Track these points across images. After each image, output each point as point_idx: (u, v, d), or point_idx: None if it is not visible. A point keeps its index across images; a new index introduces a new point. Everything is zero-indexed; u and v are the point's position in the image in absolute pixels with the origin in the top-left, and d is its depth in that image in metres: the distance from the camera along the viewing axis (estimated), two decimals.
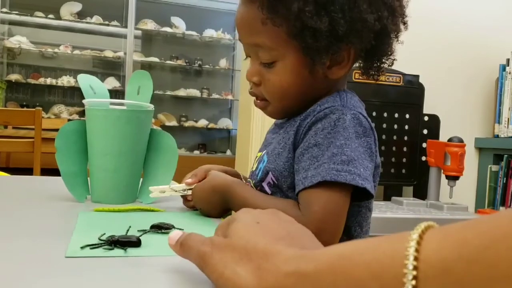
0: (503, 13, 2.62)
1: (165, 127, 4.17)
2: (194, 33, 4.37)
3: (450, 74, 2.58)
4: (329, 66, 0.73)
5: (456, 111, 2.58)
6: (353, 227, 0.73)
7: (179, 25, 4.36)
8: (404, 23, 0.78)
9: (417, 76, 2.39)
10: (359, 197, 0.69)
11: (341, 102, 0.73)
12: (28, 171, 1.96)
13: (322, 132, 0.69)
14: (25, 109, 3.52)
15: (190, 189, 0.80)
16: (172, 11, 4.37)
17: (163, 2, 4.37)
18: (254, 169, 0.81)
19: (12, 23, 4.09)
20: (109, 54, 4.16)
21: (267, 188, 0.76)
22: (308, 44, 0.69)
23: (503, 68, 2.51)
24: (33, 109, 2.04)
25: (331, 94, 0.75)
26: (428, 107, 2.42)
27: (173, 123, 4.36)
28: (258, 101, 0.79)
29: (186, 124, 4.40)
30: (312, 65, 0.72)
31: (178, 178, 0.87)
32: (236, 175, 0.86)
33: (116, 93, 4.07)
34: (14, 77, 3.98)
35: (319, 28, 0.67)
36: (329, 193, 0.65)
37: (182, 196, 0.82)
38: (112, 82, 4.20)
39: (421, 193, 2.38)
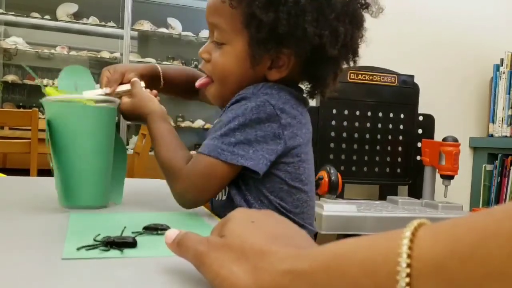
0: (497, 13, 2.63)
1: None
2: (190, 33, 4.36)
3: (444, 74, 2.59)
4: (270, 67, 0.82)
5: (451, 110, 2.59)
6: (273, 199, 0.81)
7: (175, 26, 4.35)
8: (355, 61, 0.85)
9: (412, 76, 2.41)
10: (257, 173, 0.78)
11: (253, 90, 0.80)
12: (25, 172, 1.96)
13: (229, 113, 0.79)
14: (21, 110, 3.51)
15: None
16: (168, 12, 4.37)
17: (159, 3, 4.37)
18: None
19: (8, 24, 4.07)
20: (105, 55, 4.15)
21: None
22: (251, 34, 0.77)
23: (497, 68, 2.53)
24: (30, 110, 2.04)
25: (252, 85, 0.82)
26: (423, 107, 2.43)
27: None
28: (203, 80, 0.87)
29: (183, 124, 4.40)
30: (253, 59, 0.79)
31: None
32: (153, 71, 0.98)
33: None
34: (10, 78, 3.96)
35: (263, 20, 0.75)
36: (212, 162, 0.76)
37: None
38: None
39: (416, 192, 2.40)
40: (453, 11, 2.59)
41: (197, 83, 0.89)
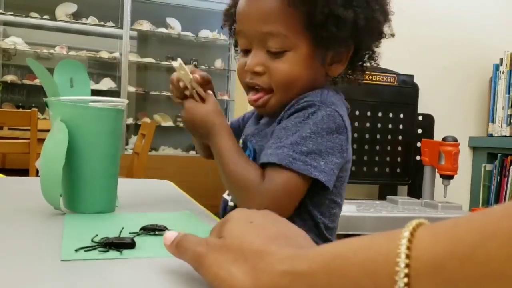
0: (496, 12, 2.63)
1: (161, 128, 4.17)
2: (189, 33, 4.37)
3: (444, 74, 2.59)
4: (330, 63, 0.78)
5: (450, 110, 2.59)
6: (316, 215, 0.78)
7: (174, 26, 4.35)
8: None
9: (411, 76, 2.40)
10: (325, 188, 0.74)
11: (320, 98, 0.75)
12: (24, 172, 1.95)
13: (294, 119, 0.74)
14: (20, 110, 3.51)
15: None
16: (168, 11, 4.37)
17: (158, 3, 4.37)
18: None
19: (7, 24, 4.08)
20: (104, 55, 4.15)
21: None
22: (328, 33, 0.72)
23: (496, 67, 2.52)
24: (29, 110, 2.04)
25: (315, 91, 0.78)
26: (423, 107, 2.43)
27: (169, 123, 4.36)
28: (258, 95, 0.79)
29: (182, 124, 4.40)
30: (322, 57, 0.76)
31: (176, 180, 0.87)
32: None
33: (112, 94, 4.07)
34: (9, 78, 3.97)
35: (345, 17, 0.72)
36: (289, 176, 0.71)
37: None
38: (108, 83, 4.19)
39: (415, 192, 2.40)
40: (453, 11, 2.59)
41: (251, 99, 0.81)
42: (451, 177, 2.19)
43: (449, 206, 2.13)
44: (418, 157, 2.39)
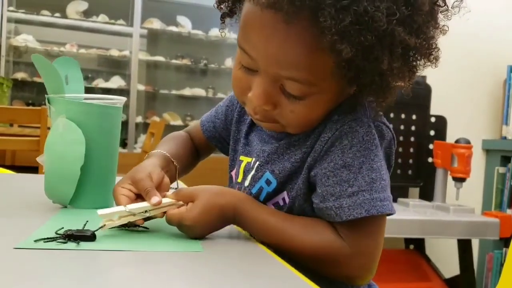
0: (511, 14, 2.59)
1: (170, 127, 4.16)
2: (199, 32, 4.36)
3: (457, 75, 2.56)
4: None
5: (463, 112, 2.56)
6: None
7: (184, 24, 4.35)
8: None
9: (424, 77, 2.37)
10: None
11: (363, 111, 0.65)
12: (33, 170, 1.95)
13: (350, 150, 0.62)
14: (30, 107, 3.52)
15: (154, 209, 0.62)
16: (178, 10, 4.36)
17: (169, 1, 4.36)
18: (241, 181, 0.74)
19: (18, 21, 4.09)
20: (114, 53, 4.16)
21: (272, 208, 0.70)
22: (383, 67, 0.58)
23: (510, 69, 2.49)
24: (39, 108, 2.04)
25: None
26: (435, 108, 2.40)
27: (178, 122, 4.35)
28: (266, 124, 0.68)
29: (191, 123, 4.40)
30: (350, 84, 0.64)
31: (184, 178, 0.85)
32: (165, 158, 0.76)
33: (121, 92, 4.07)
34: (20, 75, 3.98)
35: (409, 44, 0.59)
36: (377, 225, 0.62)
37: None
38: (117, 81, 4.20)
39: (427, 194, 2.37)
40: (466, 11, 2.55)
41: (260, 124, 0.69)
42: (463, 179, 2.16)
43: (461, 209, 2.10)
44: (430, 159, 2.36)
